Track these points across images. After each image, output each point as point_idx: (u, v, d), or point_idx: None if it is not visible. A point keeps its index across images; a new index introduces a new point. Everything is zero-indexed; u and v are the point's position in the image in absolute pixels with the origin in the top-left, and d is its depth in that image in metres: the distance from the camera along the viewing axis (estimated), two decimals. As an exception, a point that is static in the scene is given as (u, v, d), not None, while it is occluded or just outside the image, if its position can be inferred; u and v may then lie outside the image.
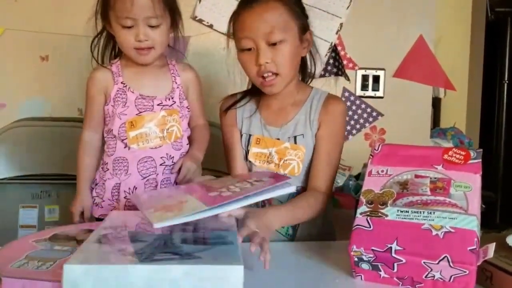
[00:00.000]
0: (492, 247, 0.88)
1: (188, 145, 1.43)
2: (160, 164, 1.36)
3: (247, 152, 1.35)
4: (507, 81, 2.89)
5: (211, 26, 2.04)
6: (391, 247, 0.93)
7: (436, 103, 2.86)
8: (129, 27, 1.28)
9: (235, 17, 1.26)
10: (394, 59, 2.19)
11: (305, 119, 1.31)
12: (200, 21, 2.04)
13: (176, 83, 1.41)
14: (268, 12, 1.20)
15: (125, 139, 1.34)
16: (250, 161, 1.34)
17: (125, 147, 1.35)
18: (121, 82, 1.36)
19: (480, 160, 1.02)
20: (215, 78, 2.05)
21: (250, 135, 1.35)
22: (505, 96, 2.89)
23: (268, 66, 1.21)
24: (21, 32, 2.01)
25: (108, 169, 1.37)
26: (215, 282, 0.72)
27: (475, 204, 0.95)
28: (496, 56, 2.90)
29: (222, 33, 2.04)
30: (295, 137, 1.31)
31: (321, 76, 2.11)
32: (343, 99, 2.15)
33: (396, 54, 2.19)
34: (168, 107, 1.37)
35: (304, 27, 1.28)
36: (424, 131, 2.26)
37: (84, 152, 1.39)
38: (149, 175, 1.35)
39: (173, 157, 1.39)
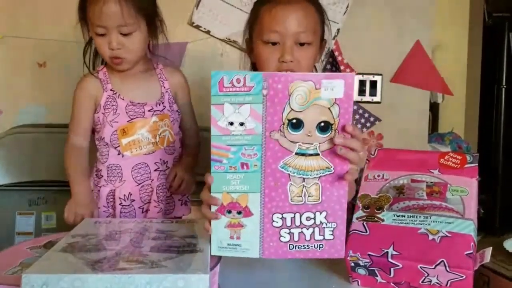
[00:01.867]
0: (489, 251, 0.88)
1: (181, 148, 1.43)
2: (155, 170, 1.36)
3: None
4: (505, 86, 2.89)
5: (208, 32, 2.03)
6: (387, 252, 0.92)
7: (434, 108, 2.86)
8: (103, 35, 1.27)
9: (265, 6, 1.21)
10: (391, 64, 2.19)
11: None
12: (198, 27, 2.04)
13: (164, 87, 1.40)
14: (303, 12, 1.19)
15: (117, 146, 1.33)
16: None
17: (118, 154, 1.34)
18: (111, 89, 1.35)
19: (477, 164, 1.02)
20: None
21: None
22: (503, 101, 2.89)
23: (290, 65, 1.19)
24: (19, 39, 2.00)
25: (102, 176, 1.36)
26: None
27: (472, 209, 0.95)
28: (494, 61, 2.91)
29: (220, 39, 2.05)
30: None
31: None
32: (341, 104, 2.15)
33: (394, 60, 2.19)
34: (159, 112, 1.36)
35: (323, 35, 1.29)
36: (422, 136, 2.25)
37: (75, 155, 1.36)
38: (144, 181, 1.35)
39: (166, 161, 1.38)
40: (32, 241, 1.03)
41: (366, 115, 2.17)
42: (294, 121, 0.84)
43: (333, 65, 2.11)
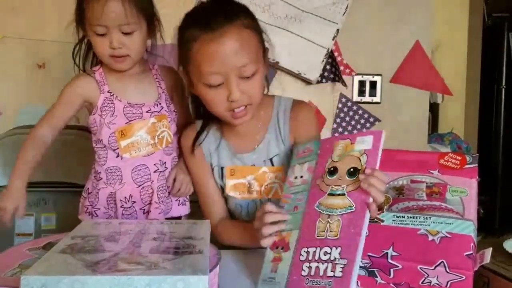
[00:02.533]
0: (488, 252, 0.88)
1: (178, 148, 1.41)
2: (155, 171, 1.35)
3: (223, 186, 1.27)
4: (504, 86, 2.89)
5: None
6: (387, 253, 0.92)
7: (434, 108, 2.85)
8: (103, 35, 1.25)
9: (195, 43, 1.08)
10: (391, 65, 2.19)
11: (275, 137, 1.24)
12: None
13: (161, 88, 1.38)
14: (241, 43, 1.07)
15: (116, 148, 1.32)
16: (229, 195, 1.26)
17: (117, 157, 1.33)
18: (108, 91, 1.33)
19: (476, 164, 1.01)
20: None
21: (222, 167, 1.26)
22: (502, 101, 2.89)
23: (241, 101, 1.11)
24: (18, 40, 2.01)
25: (101, 178, 1.35)
26: None
27: (472, 209, 0.95)
28: (494, 61, 2.91)
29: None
30: (271, 159, 1.24)
31: (318, 82, 2.11)
32: (340, 105, 2.15)
33: (393, 60, 2.19)
34: (157, 113, 1.35)
35: (265, 47, 1.19)
36: (422, 137, 2.25)
37: (34, 145, 1.29)
38: (144, 183, 1.34)
39: (165, 162, 1.37)
40: (32, 243, 1.02)
41: (366, 115, 2.17)
42: (332, 168, 0.99)
43: (333, 65, 2.11)
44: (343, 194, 0.94)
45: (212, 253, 0.88)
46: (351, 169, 0.96)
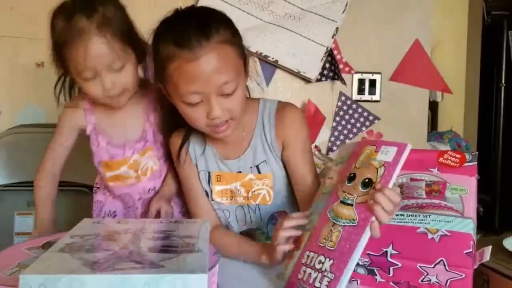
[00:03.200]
0: (488, 250, 0.88)
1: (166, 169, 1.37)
2: (138, 199, 1.35)
3: (210, 191, 1.25)
4: (504, 84, 2.89)
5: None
6: (386, 251, 0.93)
7: (434, 106, 2.85)
8: (92, 78, 1.15)
9: (172, 62, 1.03)
10: (390, 63, 2.19)
11: (261, 142, 1.21)
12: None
13: (149, 121, 1.31)
14: (219, 60, 1.02)
15: (103, 177, 1.33)
16: (216, 200, 1.25)
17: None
18: (93, 123, 1.30)
19: (476, 162, 1.01)
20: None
21: (209, 172, 1.24)
22: (502, 99, 2.88)
23: (222, 117, 1.08)
24: (17, 39, 2.00)
25: (99, 187, 1.39)
26: None
27: (471, 207, 0.95)
28: (493, 59, 2.90)
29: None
30: (257, 166, 1.22)
31: (318, 80, 2.11)
32: (340, 103, 2.15)
33: (393, 58, 2.19)
34: (141, 149, 1.31)
35: (245, 58, 1.13)
36: (421, 135, 2.25)
37: (50, 183, 1.34)
38: (129, 207, 1.36)
39: (149, 188, 1.35)
40: (31, 242, 1.03)
41: (365, 114, 2.17)
42: (352, 174, 0.95)
43: (332, 64, 2.11)
44: (351, 205, 0.91)
45: (211, 252, 0.88)
46: (366, 180, 0.92)
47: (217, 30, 1.03)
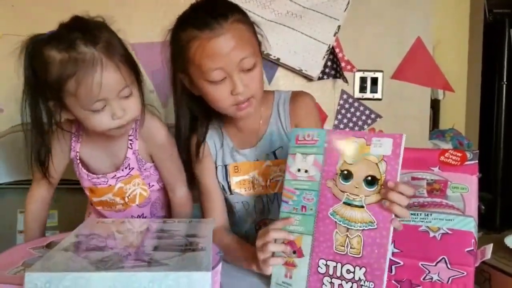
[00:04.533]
0: (489, 248, 0.88)
1: (164, 196, 1.35)
2: None
3: (228, 185, 1.27)
4: (505, 82, 2.88)
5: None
6: (388, 250, 0.93)
7: (435, 105, 2.85)
8: (101, 109, 1.09)
9: (192, 42, 1.10)
10: (392, 61, 2.19)
11: (278, 130, 1.25)
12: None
13: (131, 148, 1.25)
14: (237, 37, 1.10)
15: (90, 200, 1.32)
16: (235, 192, 1.26)
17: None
18: (77, 151, 1.26)
19: (477, 161, 1.01)
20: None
21: (226, 165, 1.27)
22: (504, 97, 2.88)
23: (245, 93, 1.13)
24: (19, 37, 2.00)
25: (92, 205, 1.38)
26: None
27: (472, 206, 0.95)
28: (495, 58, 2.89)
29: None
30: (274, 152, 1.24)
31: (319, 78, 2.11)
32: (342, 101, 2.15)
33: (394, 56, 2.19)
34: (124, 178, 1.27)
35: (259, 43, 1.22)
36: (423, 133, 2.25)
37: (39, 207, 1.31)
38: None
39: (138, 215, 1.33)
40: (35, 242, 1.03)
41: (367, 112, 2.17)
42: (345, 172, 0.92)
43: (334, 62, 2.11)
44: (362, 207, 0.89)
45: (214, 251, 0.89)
46: (369, 178, 0.90)
47: (232, 12, 1.12)
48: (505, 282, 0.89)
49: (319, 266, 0.90)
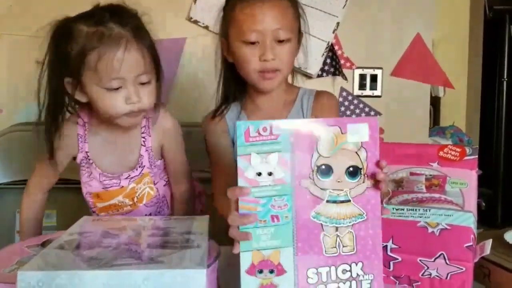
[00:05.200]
0: (488, 243, 0.87)
1: (169, 189, 1.34)
2: None
3: None
4: (506, 79, 2.88)
5: (206, 28, 2.03)
6: (386, 246, 0.92)
7: (436, 102, 2.85)
8: (116, 89, 1.09)
9: (239, 6, 1.20)
10: (391, 58, 2.18)
11: (299, 117, 1.28)
12: (196, 22, 2.03)
13: (145, 146, 1.24)
14: (279, 9, 1.19)
15: (93, 207, 1.28)
16: None
17: (94, 212, 1.29)
18: (86, 151, 1.22)
19: (476, 156, 1.01)
20: (211, 79, 2.03)
21: None
22: (504, 94, 2.88)
23: (273, 63, 1.19)
24: (17, 37, 2.00)
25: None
26: (177, 286, 0.70)
27: (471, 201, 0.95)
28: (495, 54, 2.89)
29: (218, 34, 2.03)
30: None
31: (319, 76, 2.10)
32: (341, 99, 2.14)
33: (394, 53, 2.18)
34: (137, 177, 1.26)
35: (300, 30, 1.28)
36: (423, 130, 2.24)
37: (34, 209, 1.28)
38: None
39: (145, 214, 1.31)
40: (30, 240, 1.03)
41: (367, 109, 2.16)
42: (323, 167, 0.81)
43: (333, 59, 2.10)
44: (348, 201, 0.81)
45: (211, 248, 0.88)
46: (351, 168, 0.81)
47: None
48: (505, 277, 0.88)
49: (308, 277, 0.80)
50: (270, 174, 0.79)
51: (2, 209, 1.87)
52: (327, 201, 0.81)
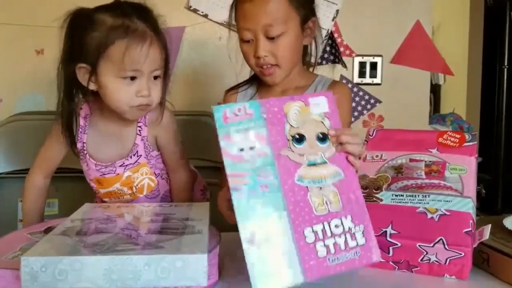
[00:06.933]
0: (487, 228, 0.88)
1: (168, 184, 1.35)
2: None
3: None
4: (506, 66, 2.87)
5: (206, 16, 2.02)
6: (386, 231, 0.93)
7: (436, 89, 2.85)
8: (131, 79, 1.13)
9: (236, 5, 1.24)
10: (391, 46, 2.18)
11: None
12: (195, 10, 2.02)
13: (140, 135, 1.27)
14: (269, 4, 1.17)
15: (97, 192, 1.32)
16: None
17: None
18: (83, 142, 1.26)
19: (476, 142, 1.01)
20: (210, 68, 2.04)
21: None
22: (505, 81, 2.87)
23: (267, 59, 1.20)
24: (16, 26, 2.00)
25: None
26: (178, 271, 0.71)
27: (471, 187, 0.95)
28: (496, 41, 2.88)
29: (217, 23, 2.03)
30: None
31: (318, 64, 2.08)
32: (341, 86, 2.14)
33: (394, 41, 2.17)
34: (132, 166, 1.27)
35: (306, 16, 1.25)
36: (423, 117, 2.24)
37: (35, 195, 1.30)
38: None
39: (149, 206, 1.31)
40: (33, 227, 1.04)
41: (367, 97, 2.16)
42: (297, 136, 0.88)
43: (333, 47, 2.10)
44: (325, 162, 0.88)
45: (212, 234, 0.89)
46: (320, 135, 0.89)
47: None
48: (504, 262, 0.89)
49: (305, 237, 0.84)
50: (251, 148, 0.86)
51: (4, 198, 1.87)
52: (308, 165, 0.87)
